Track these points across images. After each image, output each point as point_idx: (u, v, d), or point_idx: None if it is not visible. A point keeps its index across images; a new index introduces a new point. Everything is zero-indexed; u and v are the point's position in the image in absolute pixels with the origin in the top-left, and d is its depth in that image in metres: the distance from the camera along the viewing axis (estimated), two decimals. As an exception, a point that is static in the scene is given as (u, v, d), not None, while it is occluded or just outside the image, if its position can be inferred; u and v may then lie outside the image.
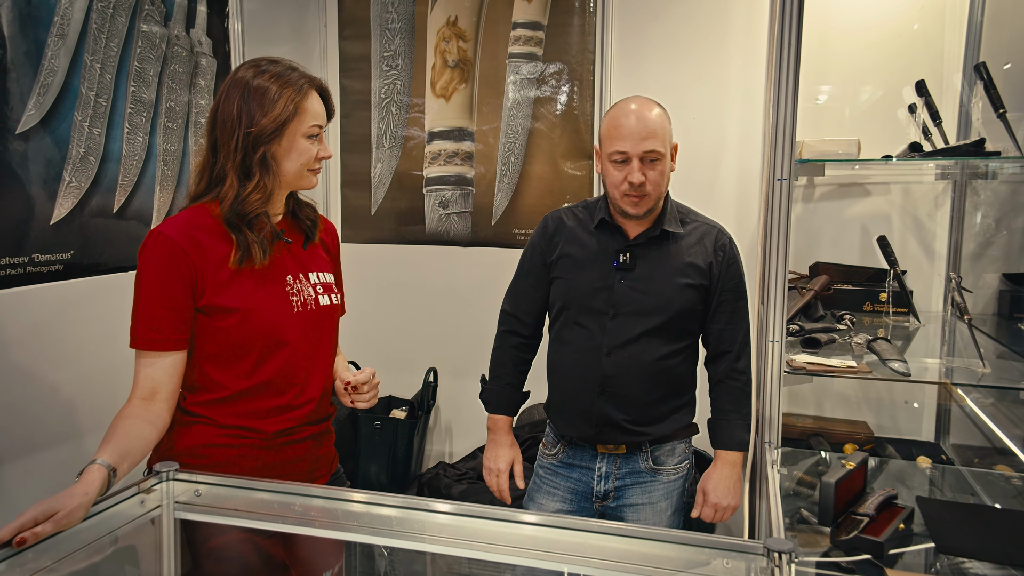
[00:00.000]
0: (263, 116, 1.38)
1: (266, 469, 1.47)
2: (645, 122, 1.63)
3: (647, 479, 1.78)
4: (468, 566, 1.45)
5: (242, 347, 1.42)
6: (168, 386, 1.39)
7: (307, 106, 1.42)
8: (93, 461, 1.24)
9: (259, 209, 1.42)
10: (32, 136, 1.89)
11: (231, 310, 1.40)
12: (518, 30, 3.00)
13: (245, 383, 1.44)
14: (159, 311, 1.36)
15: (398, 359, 3.20)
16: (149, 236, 1.38)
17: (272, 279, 1.45)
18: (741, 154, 2.78)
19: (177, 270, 1.36)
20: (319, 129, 1.45)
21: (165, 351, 1.38)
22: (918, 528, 1.43)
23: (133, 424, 1.34)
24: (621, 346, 1.72)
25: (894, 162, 2.39)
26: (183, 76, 2.42)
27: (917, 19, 2.56)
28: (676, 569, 1.23)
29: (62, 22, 1.96)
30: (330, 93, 1.50)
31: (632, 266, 1.72)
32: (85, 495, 1.19)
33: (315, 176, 1.48)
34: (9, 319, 1.85)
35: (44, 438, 1.97)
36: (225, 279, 1.40)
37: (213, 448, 1.46)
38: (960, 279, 2.28)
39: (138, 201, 2.24)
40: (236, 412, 1.45)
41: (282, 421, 1.47)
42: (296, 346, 1.46)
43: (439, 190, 3.16)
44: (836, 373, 1.89)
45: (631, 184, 1.64)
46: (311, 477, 1.55)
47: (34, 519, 1.12)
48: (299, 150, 1.43)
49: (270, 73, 1.40)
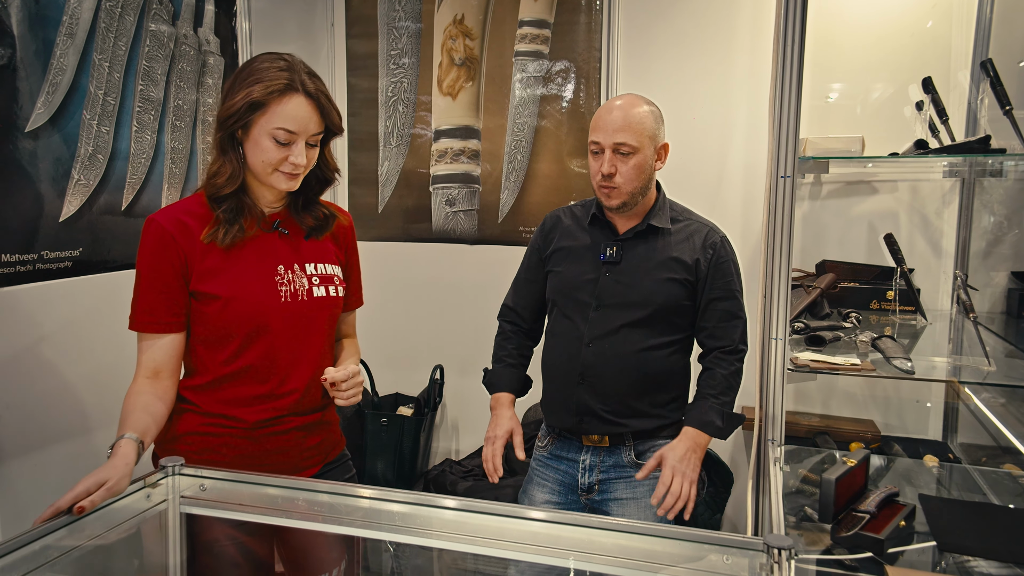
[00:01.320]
0: (234, 97, 1.39)
1: (248, 459, 1.49)
2: (621, 115, 1.68)
3: (631, 474, 1.78)
4: (473, 562, 1.46)
5: (226, 332, 1.45)
6: (169, 365, 1.44)
7: (279, 107, 1.38)
8: (121, 437, 1.31)
9: (224, 190, 1.42)
10: (41, 134, 1.91)
11: (214, 296, 1.43)
12: (524, 28, 3.01)
13: (227, 368, 1.46)
14: (152, 295, 1.41)
15: (404, 356, 3.22)
16: (144, 223, 1.43)
17: (260, 267, 1.47)
18: (747, 152, 2.77)
19: (166, 255, 1.40)
20: (289, 135, 1.39)
21: (161, 333, 1.43)
22: (920, 526, 1.43)
23: (146, 401, 1.39)
24: (601, 337, 1.75)
25: (899, 159, 2.38)
26: (191, 75, 2.44)
27: (925, 16, 2.55)
28: (677, 565, 1.24)
29: (71, 21, 1.98)
30: (330, 107, 1.44)
31: (618, 260, 1.76)
32: (126, 465, 1.27)
33: (285, 180, 1.43)
34: (19, 316, 1.88)
35: (54, 433, 1.99)
36: (212, 265, 1.43)
37: (197, 436, 1.48)
38: (966, 277, 2.27)
39: (146, 199, 2.26)
40: (219, 399, 1.47)
41: (263, 411, 1.48)
42: (279, 334, 1.47)
43: (446, 188, 3.16)
44: (840, 371, 1.88)
45: (602, 175, 1.69)
46: (297, 468, 1.54)
47: (87, 489, 1.20)
48: (261, 147, 1.40)
49: (261, 65, 1.40)
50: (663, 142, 1.75)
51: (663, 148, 1.75)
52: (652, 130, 1.70)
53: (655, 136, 1.71)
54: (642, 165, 1.69)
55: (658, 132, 1.72)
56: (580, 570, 1.29)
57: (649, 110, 1.71)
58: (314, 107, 1.41)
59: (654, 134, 1.71)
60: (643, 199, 1.75)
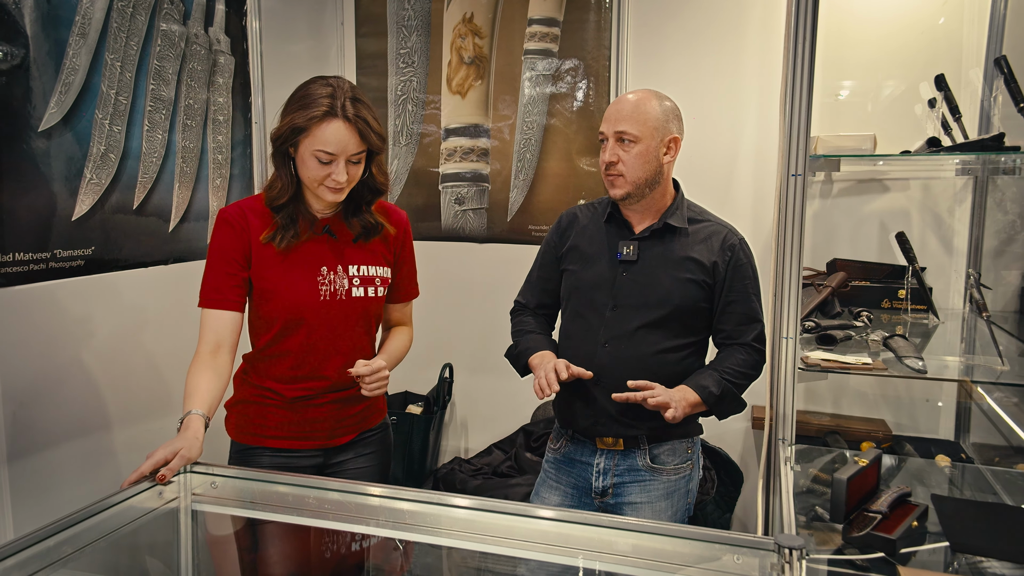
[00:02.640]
0: (282, 120, 1.58)
1: (289, 426, 1.68)
2: (626, 105, 1.70)
3: (646, 478, 1.77)
4: (483, 560, 1.46)
5: (268, 319, 1.64)
6: (229, 340, 1.61)
7: (319, 131, 1.52)
8: (188, 412, 1.49)
9: (279, 200, 1.61)
10: (54, 134, 1.92)
11: (262, 287, 1.62)
12: (534, 26, 3.00)
13: (267, 351, 1.66)
14: (220, 275, 1.61)
15: (413, 355, 3.17)
16: (217, 215, 1.65)
17: (305, 267, 1.64)
18: (758, 151, 2.76)
19: (232, 239, 1.61)
20: (328, 155, 1.54)
21: (224, 309, 1.61)
22: (933, 526, 1.42)
23: (207, 377, 1.56)
24: (618, 338, 1.73)
25: (912, 157, 2.36)
26: (202, 74, 2.45)
27: (936, 13, 2.53)
28: (687, 564, 1.24)
29: (83, 21, 1.99)
30: (368, 130, 1.55)
31: (635, 259, 1.74)
32: (195, 438, 1.44)
33: (331, 193, 1.58)
34: (32, 314, 1.89)
35: (67, 431, 2.00)
36: (266, 260, 1.62)
37: (248, 404, 1.70)
38: (979, 275, 2.25)
39: (157, 198, 2.27)
40: (266, 373, 1.68)
41: (299, 390, 1.67)
42: (316, 327, 1.64)
43: (455, 186, 3.17)
44: (851, 370, 1.87)
45: (605, 163, 1.70)
46: (333, 435, 1.72)
47: (165, 457, 1.38)
48: (307, 165, 1.57)
49: (305, 92, 1.56)
50: (673, 135, 1.71)
51: (672, 141, 1.71)
52: (658, 121, 1.68)
53: (662, 128, 1.69)
54: (644, 155, 1.67)
55: (667, 124, 1.70)
56: (591, 569, 1.29)
57: (660, 103, 1.69)
58: (353, 130, 1.54)
59: (661, 126, 1.68)
60: (652, 192, 1.72)
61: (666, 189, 1.76)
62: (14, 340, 1.85)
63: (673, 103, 1.74)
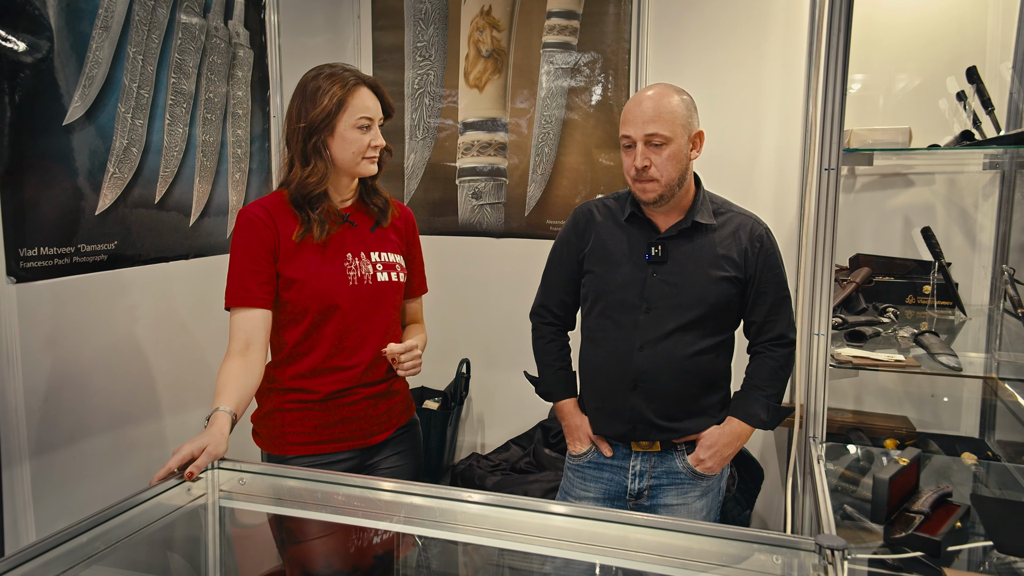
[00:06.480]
0: (314, 109, 1.59)
1: (324, 428, 1.68)
2: (651, 106, 1.63)
3: (685, 480, 1.75)
4: (504, 557, 1.45)
5: (302, 309, 1.63)
6: (259, 338, 1.60)
7: (354, 101, 1.60)
8: (216, 409, 1.47)
9: (316, 190, 1.62)
10: (77, 128, 1.91)
11: (293, 280, 1.62)
12: (552, 19, 2.98)
13: (302, 343, 1.65)
14: (246, 273, 1.60)
15: (431, 350, 3.16)
16: (238, 214, 1.64)
17: (332, 255, 1.65)
18: (780, 144, 2.73)
19: (259, 237, 1.60)
20: (368, 121, 1.62)
21: (253, 307, 1.60)
22: (972, 527, 1.40)
23: (239, 375, 1.55)
24: (654, 341, 1.69)
25: (944, 150, 2.33)
26: (221, 67, 2.44)
27: (961, 7, 2.49)
28: (726, 565, 1.22)
29: (106, 14, 1.97)
30: (384, 91, 1.67)
31: (664, 259, 1.70)
32: (221, 434, 1.44)
33: (372, 164, 1.67)
34: (57, 308, 1.88)
35: (91, 425, 2.00)
36: (293, 253, 1.62)
37: (280, 413, 1.68)
38: (1014, 271, 2.22)
39: (178, 192, 2.26)
40: (295, 373, 1.66)
41: (333, 383, 1.66)
42: (348, 312, 1.65)
43: (472, 181, 3.15)
44: (883, 367, 1.85)
45: (636, 169, 1.64)
46: (369, 434, 1.72)
47: (191, 453, 1.38)
48: (348, 140, 1.61)
49: (324, 74, 1.61)
50: (697, 130, 1.68)
51: (698, 136, 1.68)
52: (684, 118, 1.64)
53: (688, 124, 1.65)
54: (676, 155, 1.63)
55: (691, 120, 1.66)
56: (616, 567, 1.27)
57: (680, 98, 1.64)
58: (374, 94, 1.64)
59: (687, 122, 1.64)
60: (680, 191, 1.68)
61: (690, 185, 1.73)
62: (38, 335, 1.84)
63: (689, 96, 1.69)
